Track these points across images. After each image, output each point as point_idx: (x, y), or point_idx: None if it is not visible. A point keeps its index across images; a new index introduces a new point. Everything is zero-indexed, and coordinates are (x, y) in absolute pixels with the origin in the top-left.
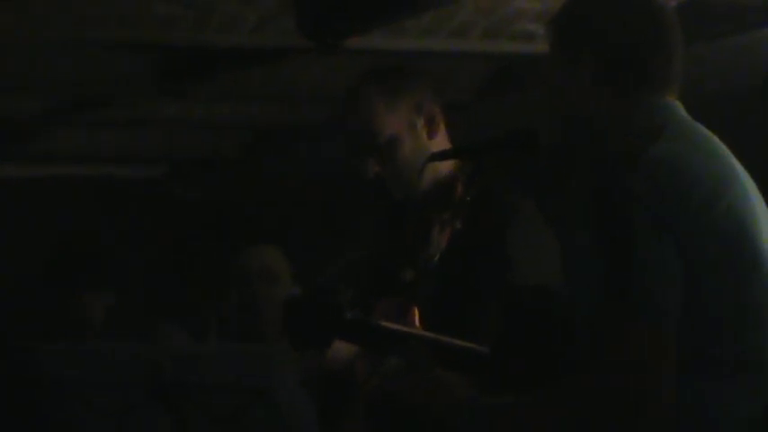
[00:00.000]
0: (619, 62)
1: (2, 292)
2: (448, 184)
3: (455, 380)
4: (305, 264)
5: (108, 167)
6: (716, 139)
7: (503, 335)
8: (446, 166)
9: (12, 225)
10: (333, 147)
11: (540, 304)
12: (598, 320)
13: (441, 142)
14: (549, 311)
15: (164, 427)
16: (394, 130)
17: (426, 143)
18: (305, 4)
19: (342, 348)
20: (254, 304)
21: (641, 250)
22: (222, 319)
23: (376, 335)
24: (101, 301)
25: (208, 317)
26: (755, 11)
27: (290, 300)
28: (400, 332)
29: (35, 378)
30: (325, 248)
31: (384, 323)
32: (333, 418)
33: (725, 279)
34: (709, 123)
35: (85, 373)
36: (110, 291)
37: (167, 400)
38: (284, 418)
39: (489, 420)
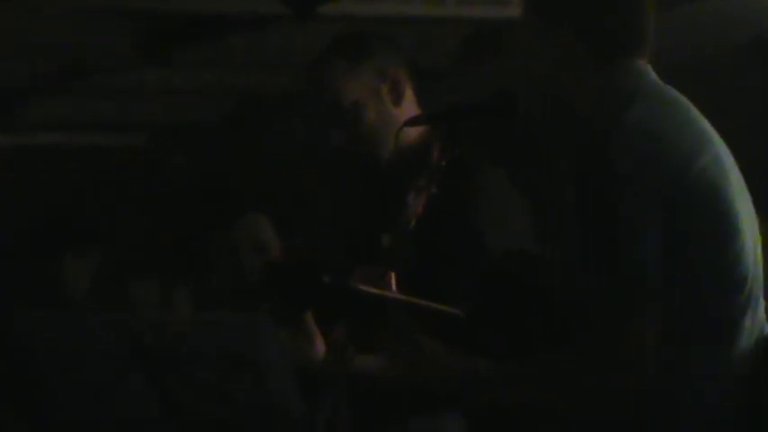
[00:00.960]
0: (595, 28)
1: None
2: (422, 150)
3: (436, 347)
4: (288, 232)
5: (92, 135)
6: (687, 102)
7: (478, 298)
8: (416, 132)
9: None
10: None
11: (514, 268)
12: (589, 293)
13: (408, 107)
14: (521, 275)
15: (147, 397)
16: (357, 95)
17: (391, 108)
18: None
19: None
20: (242, 275)
21: (625, 219)
22: (209, 288)
23: (354, 299)
24: (84, 268)
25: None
26: None
27: (269, 265)
28: (378, 296)
29: (13, 346)
30: (305, 216)
31: (362, 287)
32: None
33: (702, 244)
34: (694, 85)
35: (64, 342)
36: (93, 257)
37: (150, 370)
38: (269, 385)
39: (478, 387)
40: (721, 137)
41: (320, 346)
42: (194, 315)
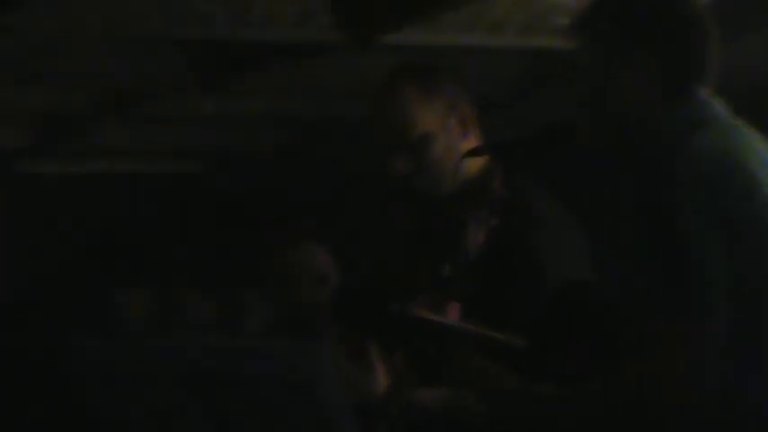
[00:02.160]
0: (673, 57)
1: (43, 287)
2: (483, 182)
3: (498, 371)
4: (347, 260)
5: (150, 163)
6: (754, 134)
7: (542, 328)
8: (476, 163)
9: (55, 221)
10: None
11: (576, 298)
12: (648, 314)
13: (472, 141)
14: (584, 305)
15: (205, 425)
16: (428, 127)
17: (459, 142)
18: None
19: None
20: (300, 305)
21: (688, 241)
22: (268, 315)
23: (420, 327)
24: (141, 297)
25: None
26: None
27: (337, 292)
28: (444, 324)
29: (70, 375)
30: (365, 246)
31: (428, 315)
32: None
33: (762, 266)
34: (753, 118)
35: (124, 371)
36: (150, 286)
37: (207, 397)
38: (325, 413)
39: (535, 412)
40: None
41: (382, 378)
42: (251, 342)
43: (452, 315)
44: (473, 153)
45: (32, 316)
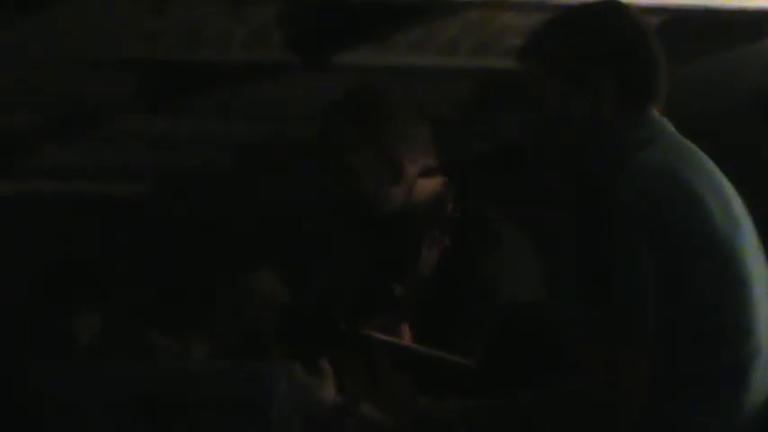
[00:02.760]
0: (628, 75)
1: None
2: (436, 202)
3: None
4: (296, 280)
5: (95, 184)
6: (702, 154)
7: (492, 350)
8: (430, 183)
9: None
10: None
11: (527, 320)
12: (580, 329)
13: (404, 185)
14: (535, 327)
15: None
16: (357, 164)
17: (388, 187)
18: (293, 20)
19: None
20: (253, 332)
21: (624, 261)
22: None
23: (369, 347)
24: (91, 318)
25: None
26: (742, 27)
27: (284, 313)
28: (394, 344)
29: (23, 396)
30: (314, 265)
31: (378, 336)
32: None
33: (706, 292)
34: (701, 139)
35: (75, 391)
36: (98, 307)
37: (160, 420)
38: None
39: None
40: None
41: (332, 389)
42: (205, 364)
43: (404, 335)
44: (426, 173)
45: None
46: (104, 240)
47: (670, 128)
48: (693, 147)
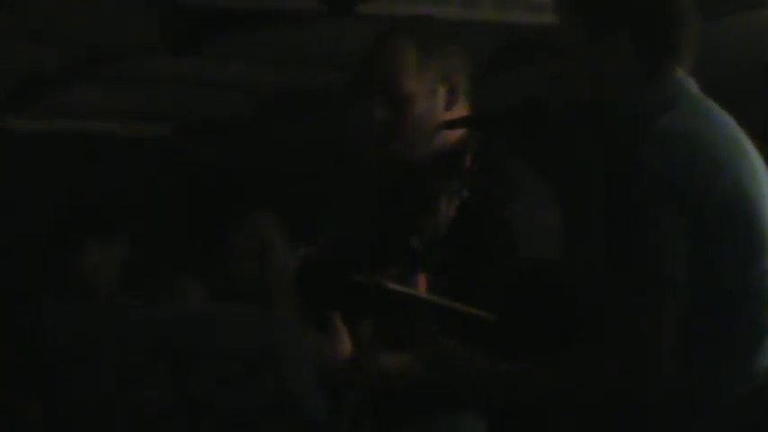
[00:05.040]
0: (648, 35)
1: (12, 248)
2: (456, 154)
3: (461, 349)
4: (311, 232)
5: (119, 124)
6: (726, 116)
7: (509, 304)
8: (455, 136)
9: (23, 179)
10: (343, 115)
11: (541, 279)
12: (606, 291)
13: (456, 113)
14: (551, 283)
15: (167, 389)
16: (415, 89)
17: (441, 112)
18: None
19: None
20: (249, 279)
21: (650, 221)
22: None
23: (385, 297)
24: (113, 258)
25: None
26: None
27: (301, 263)
28: (410, 295)
29: (40, 335)
30: (333, 216)
31: (393, 286)
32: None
33: (727, 254)
34: (721, 99)
35: (94, 334)
36: (123, 246)
37: (174, 366)
38: (290, 383)
39: (496, 388)
40: None
41: (347, 346)
42: (220, 308)
43: (420, 287)
44: (447, 125)
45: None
46: (123, 182)
47: (694, 88)
48: (718, 108)
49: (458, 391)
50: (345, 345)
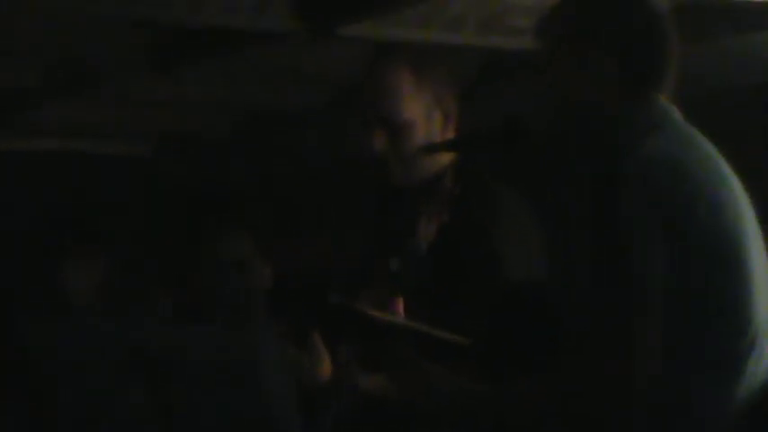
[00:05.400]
0: (633, 59)
1: None
2: (439, 177)
3: (439, 372)
4: (287, 249)
5: (98, 143)
6: (706, 141)
7: (487, 328)
8: (445, 158)
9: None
10: (322, 134)
11: (524, 298)
12: (588, 309)
13: (449, 136)
14: (531, 307)
15: (143, 409)
16: (413, 114)
17: (438, 137)
18: None
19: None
20: (222, 294)
21: (634, 240)
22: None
23: (360, 321)
24: (91, 272)
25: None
26: (756, 13)
27: (276, 282)
28: (385, 320)
29: (16, 346)
30: (311, 233)
31: (369, 311)
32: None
33: (705, 277)
34: (706, 123)
35: (66, 349)
36: (97, 262)
37: (149, 383)
38: (266, 401)
39: (482, 409)
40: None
41: (326, 364)
42: (196, 327)
43: (397, 310)
44: (430, 149)
45: None
46: (101, 198)
47: (677, 115)
48: (699, 135)
49: (439, 414)
50: (325, 364)
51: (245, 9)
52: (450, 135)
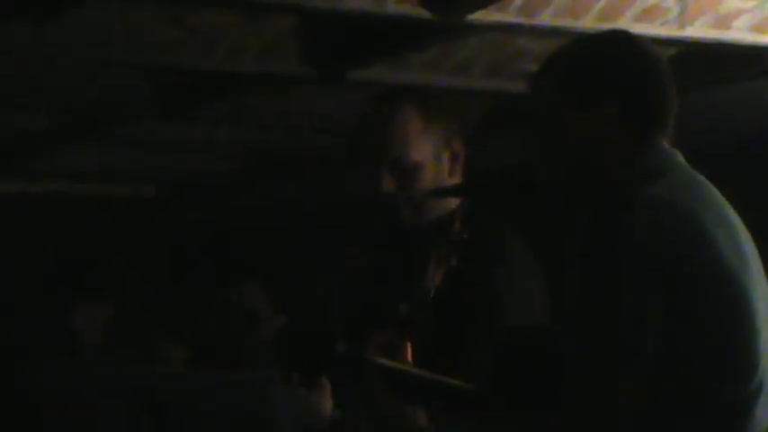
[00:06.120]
0: (634, 106)
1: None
2: (447, 221)
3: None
4: (298, 293)
5: (109, 186)
6: (712, 188)
7: (491, 375)
8: (453, 201)
9: (12, 240)
10: (332, 174)
11: (527, 345)
12: (580, 357)
13: (457, 180)
14: (535, 352)
15: None
16: (421, 157)
17: (446, 179)
18: (309, 34)
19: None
20: (232, 346)
21: (635, 292)
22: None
23: (366, 370)
24: (98, 315)
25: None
26: (761, 59)
27: (283, 329)
28: (392, 369)
29: (26, 391)
30: (320, 277)
31: (376, 359)
32: None
33: (708, 325)
34: (713, 170)
35: (78, 391)
36: (108, 305)
37: (160, 427)
38: None
39: None
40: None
41: (330, 404)
42: (205, 372)
43: (405, 355)
44: (438, 193)
45: None
46: (109, 242)
47: (681, 159)
48: (703, 180)
49: None
50: (328, 403)
51: (255, 54)
52: (458, 178)
